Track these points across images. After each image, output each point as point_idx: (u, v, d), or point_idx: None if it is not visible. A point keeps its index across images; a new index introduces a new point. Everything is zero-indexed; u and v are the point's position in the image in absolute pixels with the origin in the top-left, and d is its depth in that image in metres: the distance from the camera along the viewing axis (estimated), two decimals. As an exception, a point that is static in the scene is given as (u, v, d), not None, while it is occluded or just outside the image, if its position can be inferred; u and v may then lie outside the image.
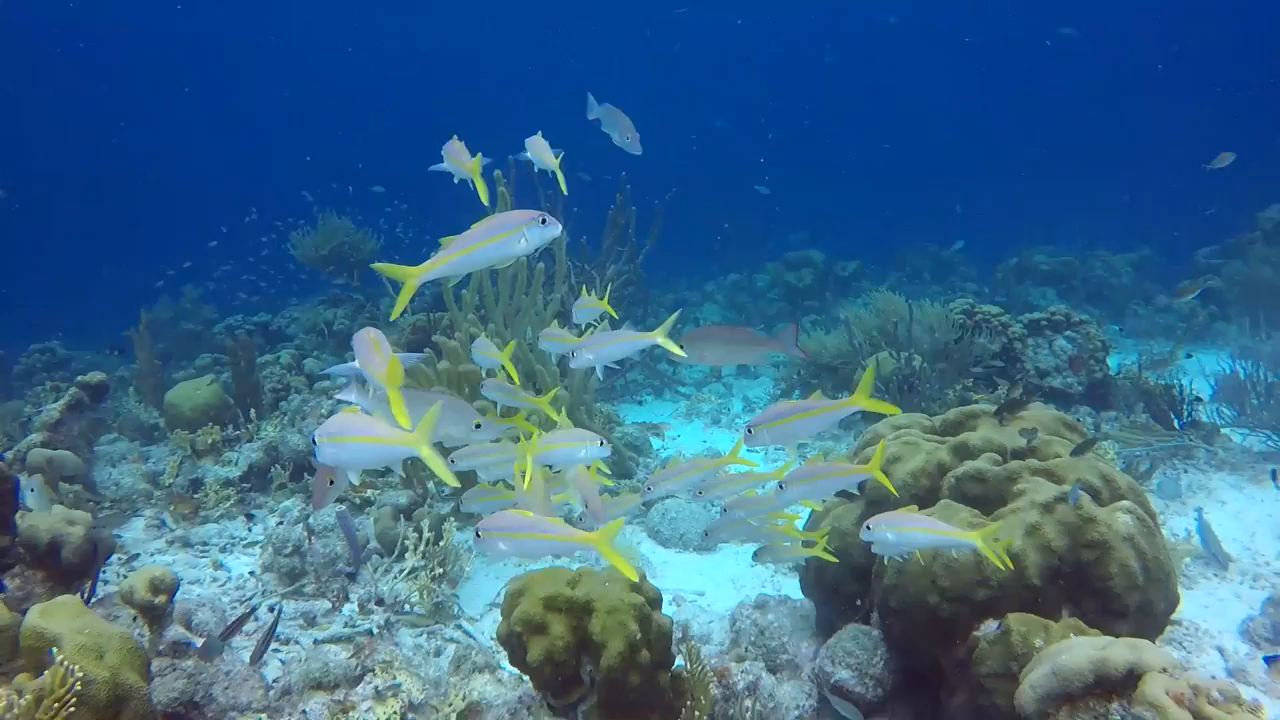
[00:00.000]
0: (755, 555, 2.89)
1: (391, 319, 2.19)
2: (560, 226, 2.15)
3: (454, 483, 1.89)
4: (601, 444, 2.46)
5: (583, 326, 3.02)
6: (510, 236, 2.05)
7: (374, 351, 1.91)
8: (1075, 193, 19.81)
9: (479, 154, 2.59)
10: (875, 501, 2.90)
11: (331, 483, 2.29)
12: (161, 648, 2.44)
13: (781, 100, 30.65)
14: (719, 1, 29.33)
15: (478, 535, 2.01)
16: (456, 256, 2.05)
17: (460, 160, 2.56)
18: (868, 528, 2.32)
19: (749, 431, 2.39)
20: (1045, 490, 2.57)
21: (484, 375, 3.82)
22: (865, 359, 5.95)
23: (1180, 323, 10.35)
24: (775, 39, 31.78)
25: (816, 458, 5.59)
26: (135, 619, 2.45)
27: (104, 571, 3.38)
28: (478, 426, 2.49)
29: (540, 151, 2.68)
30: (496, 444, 2.63)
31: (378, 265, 2.08)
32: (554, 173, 2.63)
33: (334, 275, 8.50)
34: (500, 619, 2.50)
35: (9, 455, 4.33)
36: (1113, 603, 2.42)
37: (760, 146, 24.97)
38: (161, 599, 2.39)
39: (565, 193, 2.57)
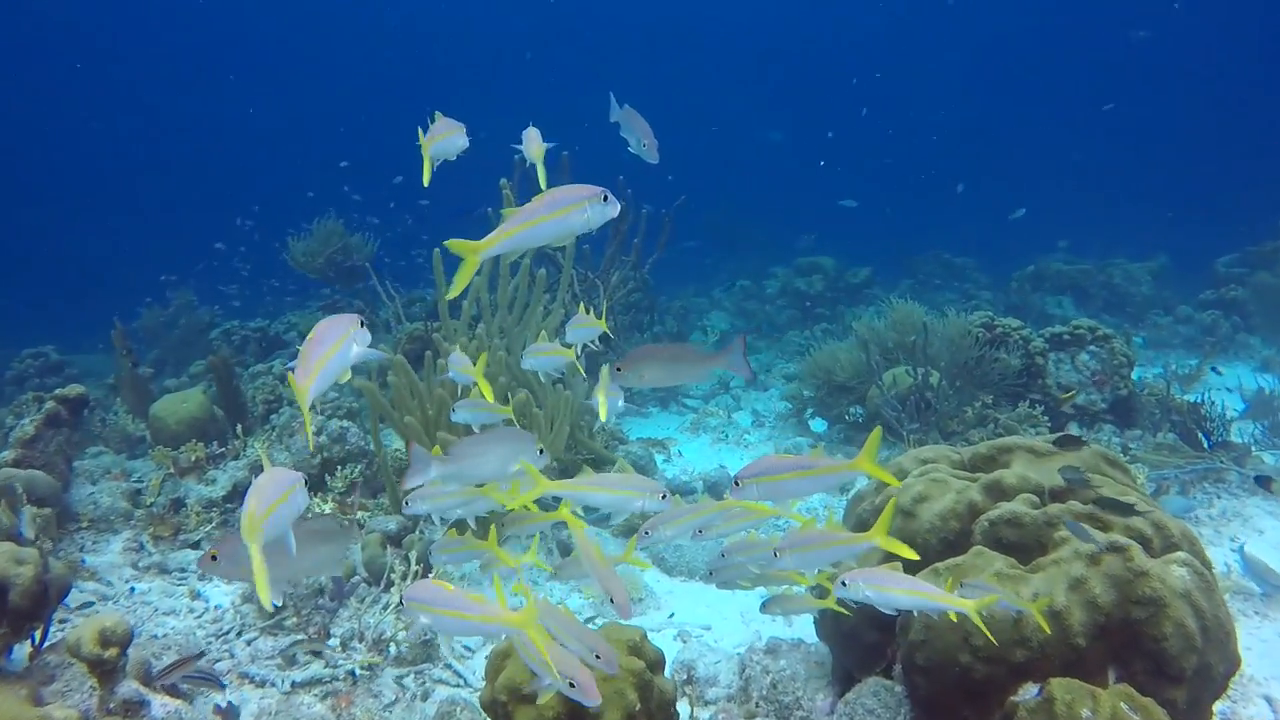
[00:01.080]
0: (763, 606, 2.64)
1: (449, 297, 2.08)
2: (619, 205, 2.06)
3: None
4: (664, 496, 2.28)
5: (578, 348, 2.80)
6: (573, 211, 2.00)
7: (308, 356, 1.75)
8: (1089, 199, 19.53)
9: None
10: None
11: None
12: (112, 706, 2.21)
13: (801, 95, 30.37)
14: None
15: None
16: (520, 230, 1.96)
17: (533, 146, 2.49)
18: (843, 583, 2.12)
19: (736, 484, 2.18)
20: (1090, 538, 2.32)
21: (458, 392, 3.61)
22: (880, 377, 5.69)
23: (1203, 335, 10.08)
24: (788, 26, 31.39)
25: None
26: (84, 675, 2.22)
27: (58, 613, 3.16)
28: (540, 453, 2.33)
29: (530, 142, 2.52)
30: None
31: (449, 241, 1.96)
32: (534, 165, 2.48)
33: (333, 283, 8.30)
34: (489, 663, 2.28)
35: (-21, 473, 4.12)
36: (1167, 666, 2.17)
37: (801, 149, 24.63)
38: (112, 652, 2.16)
39: (545, 188, 2.44)
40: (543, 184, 2.51)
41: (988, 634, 2.09)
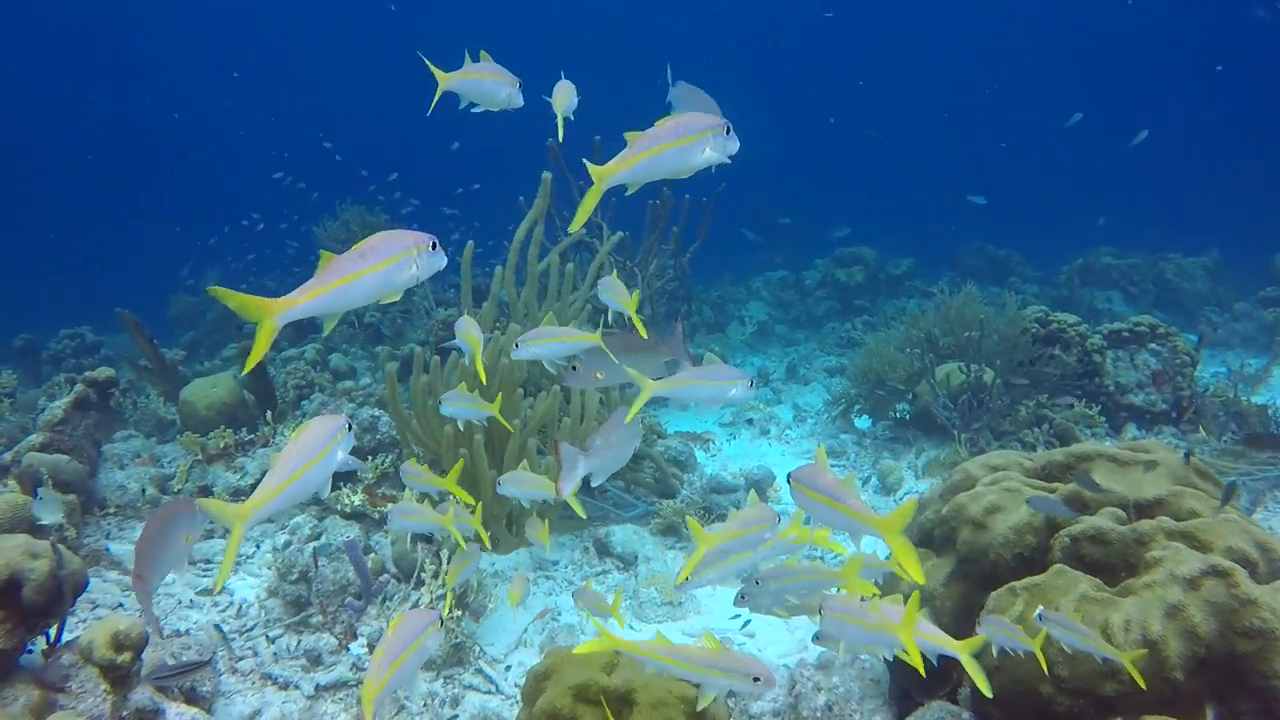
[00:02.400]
0: (816, 638, 2.38)
1: (573, 229, 1.97)
2: (738, 143, 1.95)
3: None
4: (751, 384, 2.26)
5: (609, 314, 2.64)
6: (696, 142, 1.88)
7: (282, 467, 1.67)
8: (1138, 191, 19.00)
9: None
10: (969, 559, 2.45)
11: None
12: (125, 714, 2.07)
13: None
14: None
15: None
16: (643, 158, 1.85)
17: (560, 98, 2.50)
18: (821, 613, 1.94)
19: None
20: (1188, 560, 2.10)
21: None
22: (932, 374, 5.45)
23: (1262, 333, 9.69)
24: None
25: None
26: (96, 679, 2.09)
27: (74, 610, 3.05)
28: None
29: (559, 93, 2.46)
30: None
31: (586, 162, 1.90)
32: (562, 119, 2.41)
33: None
34: (526, 678, 2.12)
35: (7, 457, 4.03)
36: (1278, 707, 1.96)
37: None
38: (126, 657, 2.03)
39: (561, 140, 2.37)
40: (559, 135, 2.45)
41: (982, 685, 1.87)
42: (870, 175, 23.26)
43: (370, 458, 4.48)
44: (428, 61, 2.52)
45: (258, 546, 3.92)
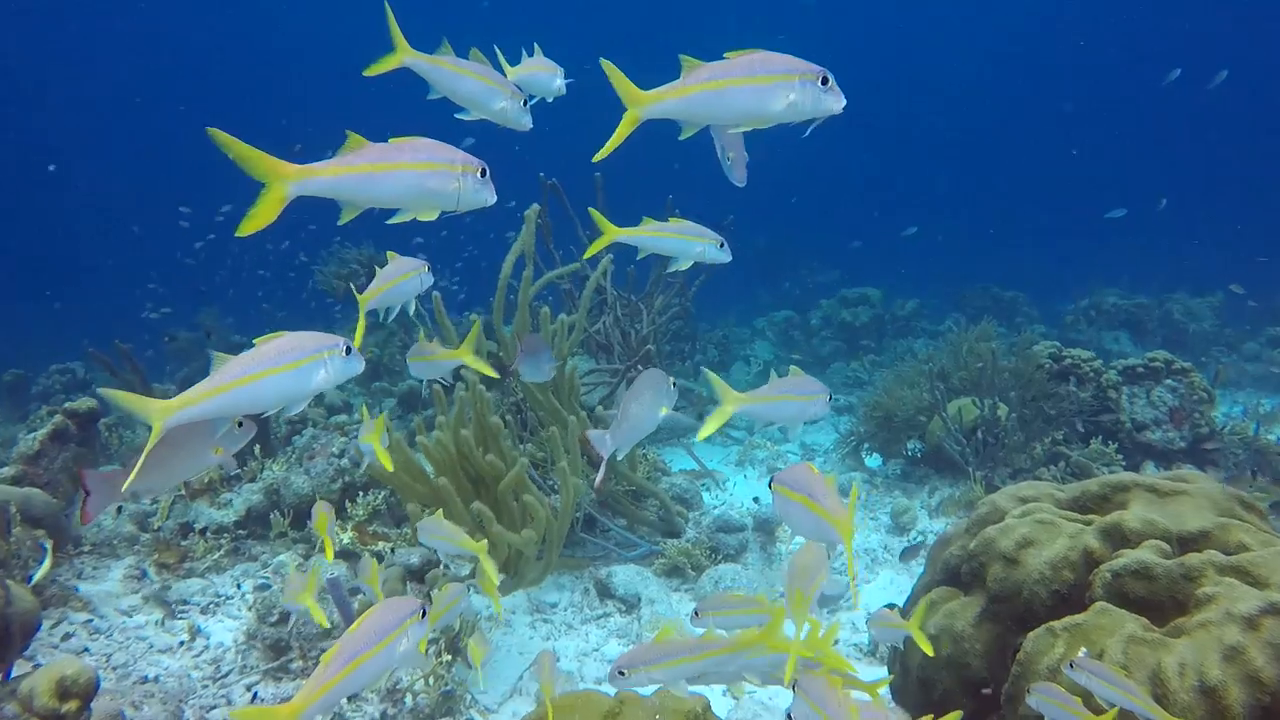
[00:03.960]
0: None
1: (596, 158, 1.77)
2: (841, 100, 1.63)
3: None
4: (722, 245, 2.28)
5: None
6: (776, 85, 1.55)
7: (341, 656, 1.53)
8: (1142, 235, 18.97)
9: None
10: (1000, 597, 2.25)
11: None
12: (72, 770, 1.87)
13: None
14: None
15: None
16: (700, 90, 1.55)
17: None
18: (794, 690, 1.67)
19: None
20: (1245, 598, 1.91)
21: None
22: (944, 408, 5.28)
23: (1271, 373, 9.53)
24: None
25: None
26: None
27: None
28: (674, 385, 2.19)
29: (533, 68, 2.29)
30: None
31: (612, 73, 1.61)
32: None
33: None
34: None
35: (-22, 491, 3.84)
36: (1353, 762, 1.76)
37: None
38: (71, 706, 1.83)
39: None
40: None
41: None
42: (874, 215, 23.30)
43: (362, 494, 4.29)
44: (393, 21, 2.07)
45: (239, 587, 3.71)
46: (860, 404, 6.19)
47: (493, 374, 2.71)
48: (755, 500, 4.54)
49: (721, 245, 2.28)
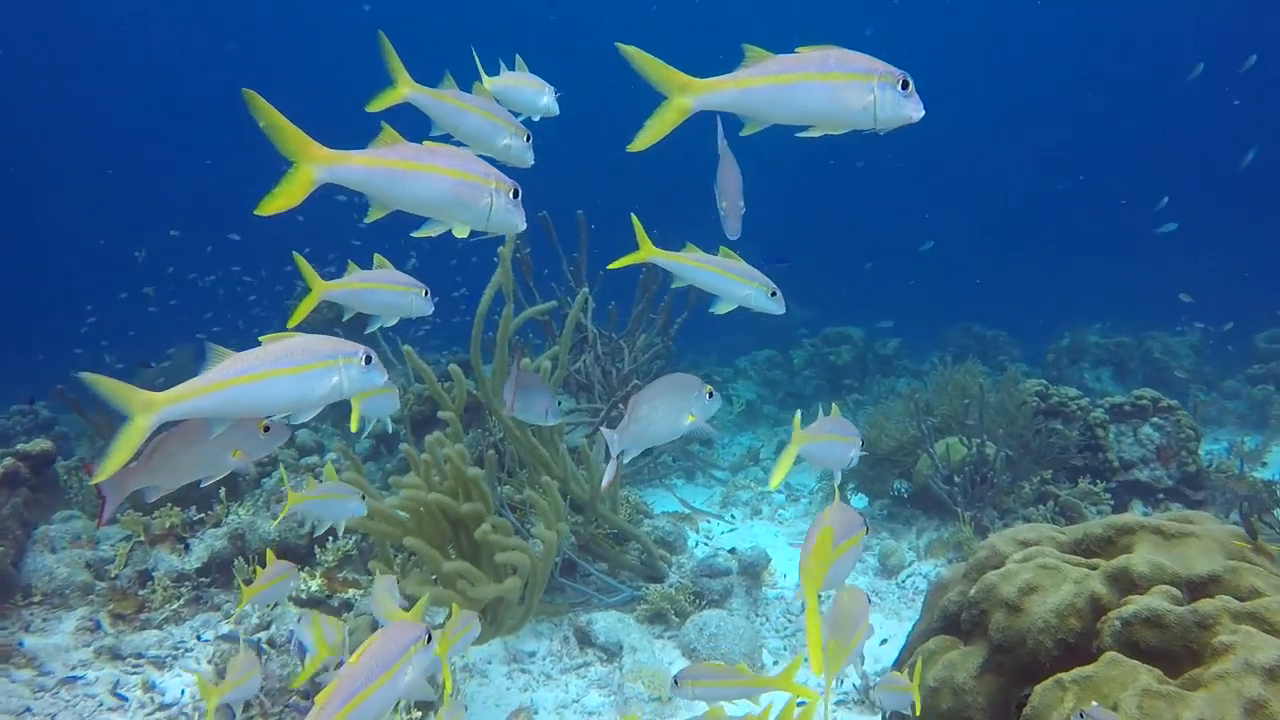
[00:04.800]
0: None
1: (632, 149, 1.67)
2: (920, 108, 1.51)
3: None
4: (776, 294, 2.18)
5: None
6: (854, 84, 1.42)
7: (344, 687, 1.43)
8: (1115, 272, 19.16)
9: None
10: (1003, 647, 2.13)
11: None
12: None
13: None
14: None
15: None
16: (766, 83, 1.41)
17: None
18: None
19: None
20: (1263, 647, 1.80)
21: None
22: (931, 446, 5.18)
23: (1254, 410, 9.53)
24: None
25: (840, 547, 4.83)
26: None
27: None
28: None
29: (516, 82, 2.20)
30: None
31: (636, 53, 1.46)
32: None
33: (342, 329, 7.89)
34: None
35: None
36: (1389, 826, 1.64)
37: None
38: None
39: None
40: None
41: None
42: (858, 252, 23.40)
43: (332, 539, 4.12)
44: (392, 53, 1.98)
45: (199, 638, 3.52)
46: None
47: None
48: (732, 551, 4.40)
49: (774, 294, 2.14)
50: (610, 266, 1.91)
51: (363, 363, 1.62)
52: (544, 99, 2.48)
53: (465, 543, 3.47)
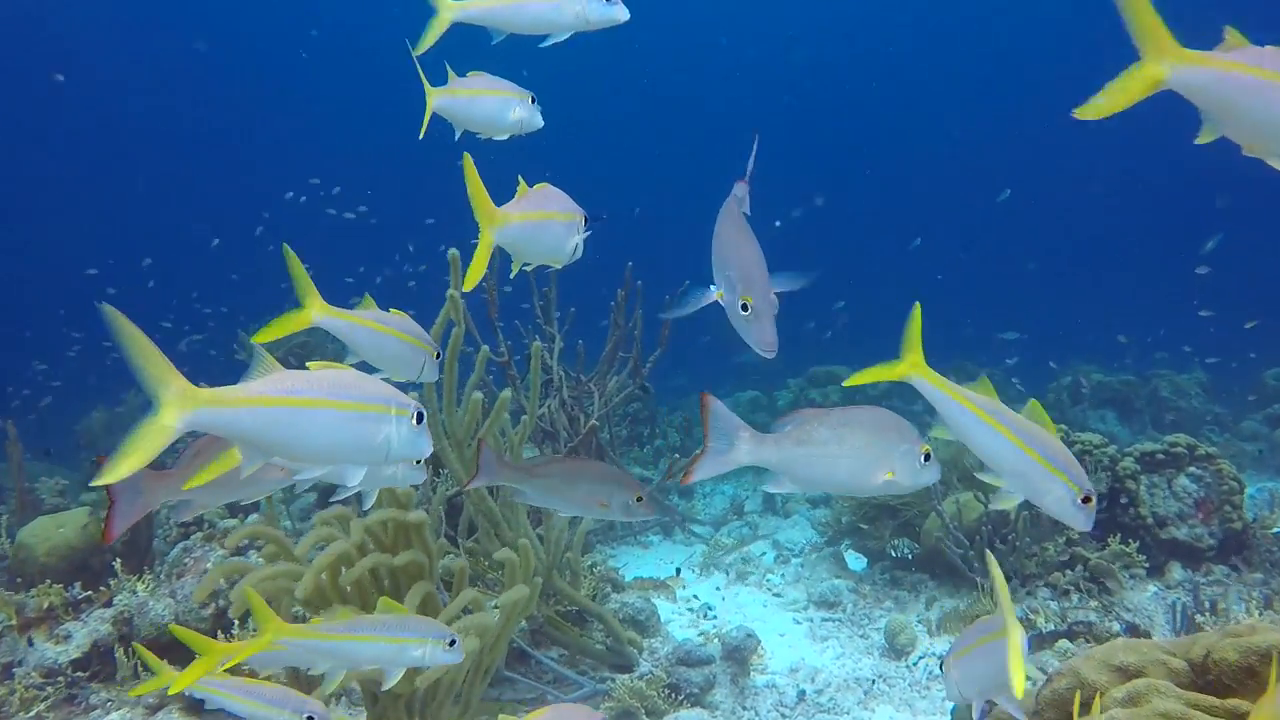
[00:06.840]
0: None
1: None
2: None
3: None
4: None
5: None
6: None
7: None
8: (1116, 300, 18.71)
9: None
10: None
11: None
12: None
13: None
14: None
15: None
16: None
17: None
18: None
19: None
20: None
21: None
22: (940, 501, 4.56)
23: (1274, 454, 8.96)
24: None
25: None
26: None
27: None
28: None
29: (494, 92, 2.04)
30: None
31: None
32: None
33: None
34: None
35: None
36: None
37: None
38: None
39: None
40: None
41: None
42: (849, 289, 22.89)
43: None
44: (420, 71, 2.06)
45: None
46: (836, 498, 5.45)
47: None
48: (709, 613, 3.76)
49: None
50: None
51: (414, 421, 1.30)
52: (516, 112, 2.11)
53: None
